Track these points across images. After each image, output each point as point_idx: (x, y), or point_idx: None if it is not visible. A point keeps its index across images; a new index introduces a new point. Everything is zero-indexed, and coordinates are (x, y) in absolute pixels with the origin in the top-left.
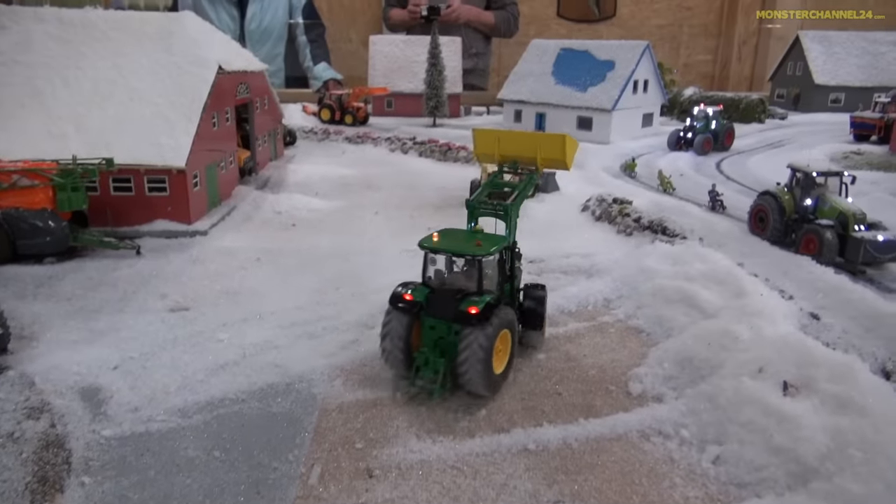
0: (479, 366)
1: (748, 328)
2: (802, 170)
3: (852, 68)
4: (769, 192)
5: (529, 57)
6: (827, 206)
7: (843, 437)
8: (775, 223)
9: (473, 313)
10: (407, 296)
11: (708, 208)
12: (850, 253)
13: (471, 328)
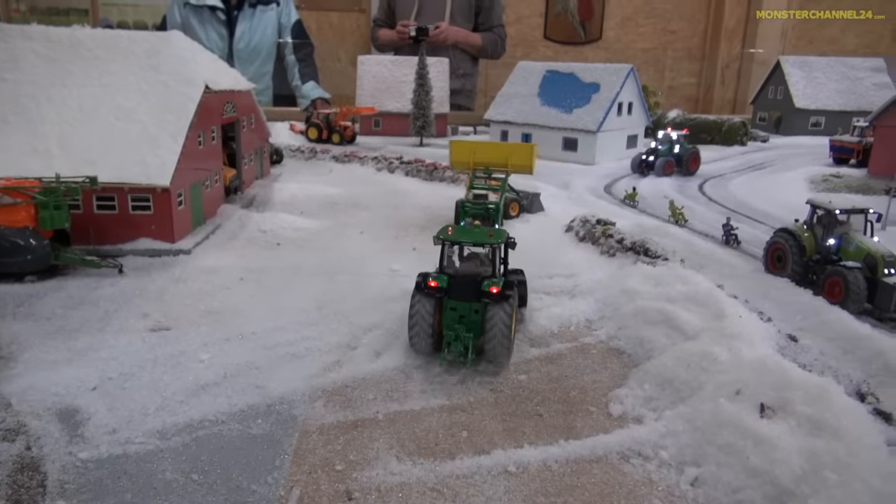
0: (503, 338)
1: (727, 350)
2: (824, 207)
3: (832, 93)
4: (787, 230)
5: (516, 78)
6: (852, 247)
7: (817, 460)
8: (794, 264)
9: (495, 293)
10: (432, 283)
11: (722, 242)
12: (881, 300)
13: (494, 305)
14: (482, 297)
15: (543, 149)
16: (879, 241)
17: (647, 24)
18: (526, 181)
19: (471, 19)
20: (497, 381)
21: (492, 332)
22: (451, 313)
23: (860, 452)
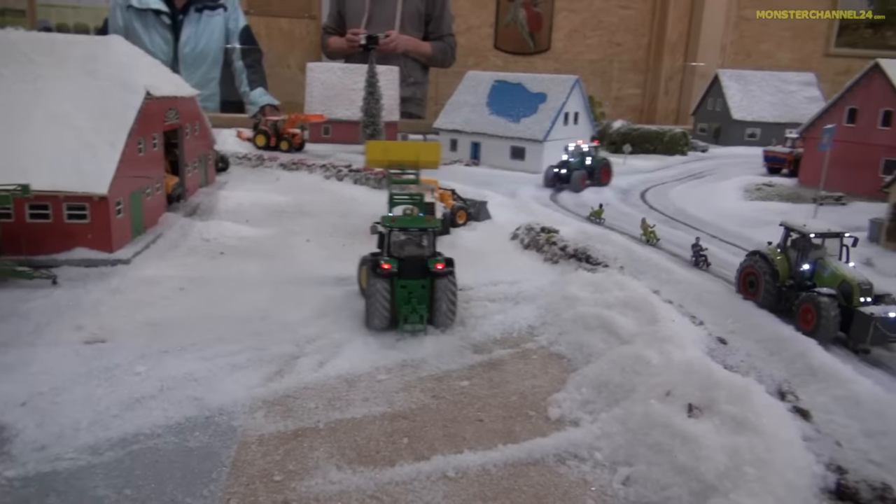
0: (451, 305)
1: (659, 353)
2: (798, 230)
3: (766, 105)
4: (759, 253)
5: (464, 88)
6: (827, 273)
7: (739, 456)
8: (767, 289)
9: (441, 268)
10: (385, 265)
11: (691, 264)
12: (857, 330)
13: (442, 279)
14: (428, 274)
15: (492, 158)
16: (855, 267)
17: (593, 37)
18: (473, 189)
19: (421, 28)
20: (440, 388)
21: (440, 301)
22: (401, 291)
23: (777, 448)
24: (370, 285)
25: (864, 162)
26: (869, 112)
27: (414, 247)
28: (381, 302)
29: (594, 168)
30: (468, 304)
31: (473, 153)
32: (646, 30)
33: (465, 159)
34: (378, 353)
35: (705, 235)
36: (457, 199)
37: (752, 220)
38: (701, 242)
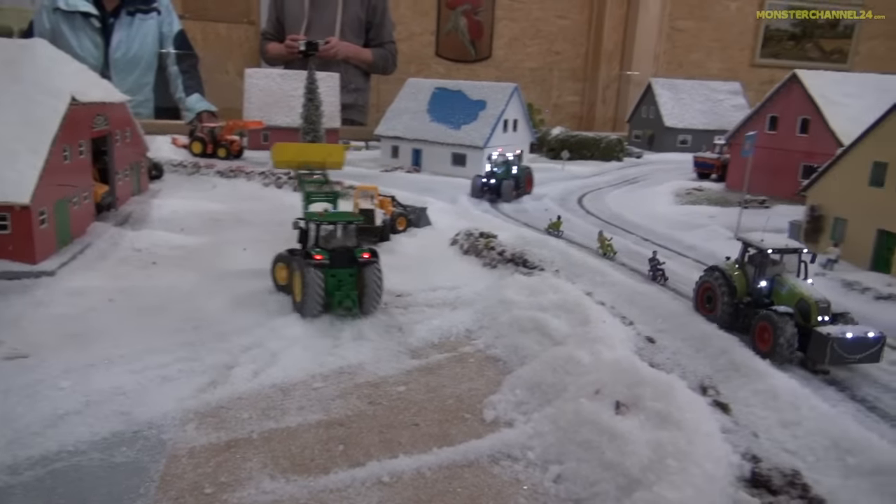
0: (378, 289)
1: (589, 353)
2: (755, 245)
3: (696, 113)
4: (717, 269)
5: (405, 95)
6: (785, 290)
7: (662, 450)
8: (724, 305)
9: (368, 257)
10: (317, 256)
11: (648, 278)
12: (814, 351)
13: (369, 267)
14: (355, 263)
15: (433, 164)
16: (813, 284)
17: (533, 45)
18: (414, 196)
19: (361, 35)
20: (376, 394)
21: (369, 287)
22: (332, 280)
23: (697, 440)
24: (306, 276)
25: (785, 167)
26: (788, 120)
27: (341, 239)
28: (317, 290)
29: (519, 177)
30: (407, 309)
31: (415, 160)
32: (583, 39)
33: (406, 166)
34: (314, 361)
35: (638, 238)
36: (397, 205)
37: (682, 223)
38: (658, 256)
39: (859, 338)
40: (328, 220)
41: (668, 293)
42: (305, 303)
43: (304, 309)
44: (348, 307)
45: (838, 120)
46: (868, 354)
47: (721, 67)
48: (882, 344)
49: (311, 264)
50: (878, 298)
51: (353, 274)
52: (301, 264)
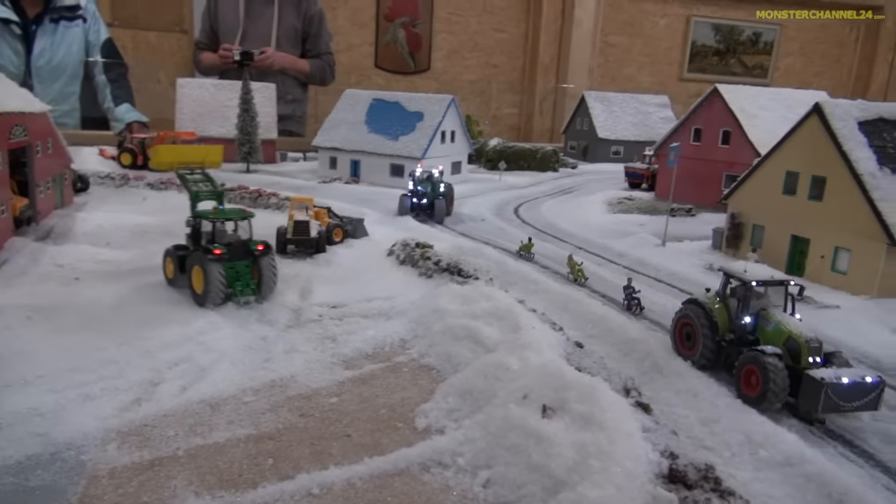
0: (274, 277)
1: (518, 359)
2: (738, 277)
3: (628, 125)
4: (696, 302)
5: (343, 106)
6: (771, 327)
7: (585, 450)
8: (706, 344)
9: (262, 249)
10: (217, 251)
11: (623, 308)
12: (807, 398)
13: (265, 257)
14: (251, 255)
15: (372, 175)
16: (801, 320)
17: (471, 58)
18: (352, 207)
19: (298, 46)
20: (308, 406)
21: (265, 275)
22: (230, 271)
23: (618, 440)
24: (207, 270)
25: (709, 176)
26: (711, 131)
27: (235, 234)
28: (219, 282)
29: (445, 195)
30: (341, 320)
31: (353, 171)
32: (520, 52)
33: (344, 177)
34: (245, 375)
35: (571, 247)
36: (333, 216)
37: (614, 231)
38: (633, 284)
39: (856, 383)
40: (225, 218)
41: (598, 299)
42: (208, 294)
43: (207, 300)
44: (248, 295)
45: (756, 131)
46: (866, 402)
47: (652, 81)
48: (881, 390)
49: (211, 259)
50: None
51: (249, 265)
52: (201, 259)
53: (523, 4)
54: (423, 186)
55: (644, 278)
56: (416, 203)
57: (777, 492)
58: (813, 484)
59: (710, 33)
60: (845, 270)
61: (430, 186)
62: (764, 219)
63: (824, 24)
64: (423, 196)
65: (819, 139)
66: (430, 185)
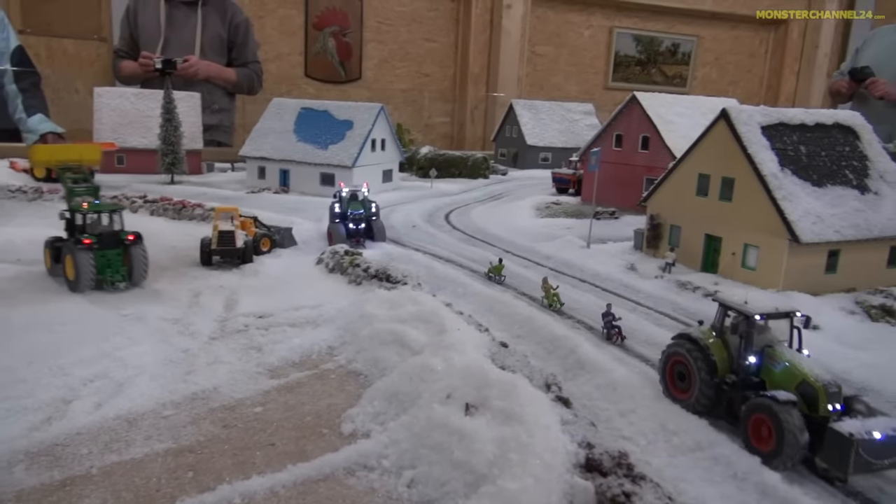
0: (144, 264)
1: (443, 360)
2: (738, 310)
3: (555, 132)
4: (688, 337)
5: (270, 115)
6: (779, 368)
7: (505, 445)
8: (703, 387)
9: (133, 239)
10: (86, 241)
11: (602, 337)
12: (832, 457)
13: (135, 247)
14: (121, 244)
15: (301, 184)
16: (811, 357)
17: (402, 67)
18: (281, 217)
19: (224, 54)
20: (231, 417)
21: (136, 263)
22: (102, 259)
23: (537, 433)
24: (77, 258)
25: (631, 180)
26: (631, 137)
27: (107, 225)
28: (89, 269)
29: (377, 213)
30: (268, 330)
31: (282, 180)
32: (450, 62)
33: (274, 187)
34: (165, 389)
35: (499, 251)
36: (260, 226)
37: (541, 235)
38: (613, 311)
39: (890, 437)
40: (94, 210)
41: (524, 299)
42: (79, 281)
43: (78, 286)
44: (118, 281)
45: (672, 137)
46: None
47: (578, 90)
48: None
49: (80, 248)
50: (707, 296)
51: (119, 253)
52: (72, 248)
53: (452, 14)
54: (354, 209)
55: (569, 279)
56: (355, 229)
57: (688, 475)
58: (720, 465)
59: (632, 44)
60: (754, 266)
61: (361, 207)
62: (680, 219)
63: (737, 36)
64: (359, 220)
65: (727, 143)
66: (361, 206)
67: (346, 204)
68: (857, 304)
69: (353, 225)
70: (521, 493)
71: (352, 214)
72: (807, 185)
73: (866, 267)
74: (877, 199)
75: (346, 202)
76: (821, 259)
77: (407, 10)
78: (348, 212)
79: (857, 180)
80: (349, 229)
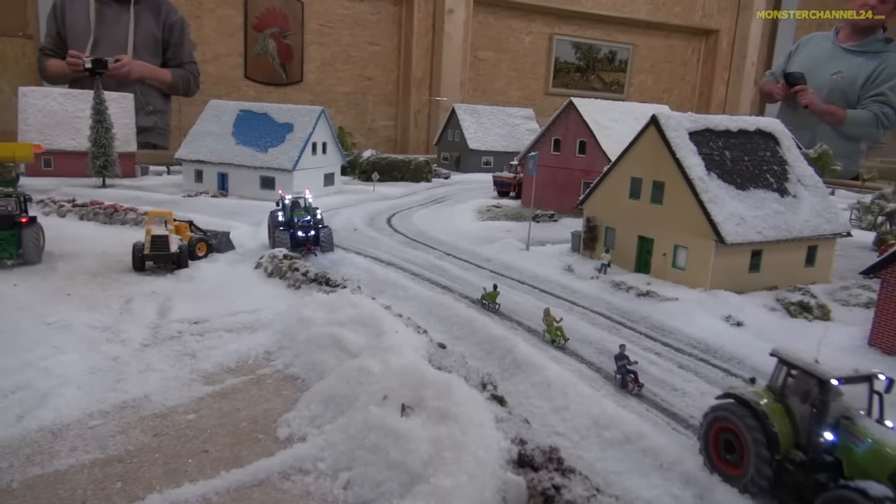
0: (36, 247)
1: (380, 362)
2: (808, 370)
3: (496, 136)
4: (739, 398)
5: (207, 117)
6: (863, 448)
7: (440, 443)
8: (760, 464)
9: (26, 221)
10: None
11: (616, 384)
12: None
13: (28, 229)
14: (16, 226)
15: (241, 188)
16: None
17: (345, 70)
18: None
19: (158, 54)
20: (163, 425)
21: (27, 242)
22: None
23: (471, 431)
24: None
25: (569, 184)
26: (569, 142)
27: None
28: None
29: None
30: (203, 336)
31: (221, 184)
32: (393, 65)
33: (211, 190)
34: (93, 398)
35: (440, 254)
36: (196, 230)
37: (482, 237)
38: (628, 353)
39: None
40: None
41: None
42: None
43: None
44: (6, 258)
45: (608, 142)
46: None
47: (520, 95)
48: None
49: None
50: (639, 295)
51: (14, 234)
52: None
53: (394, 18)
54: (300, 216)
55: (509, 280)
56: (303, 237)
57: (618, 467)
58: (648, 457)
59: (572, 51)
60: (684, 266)
61: (307, 213)
62: (615, 222)
63: (671, 45)
64: (308, 228)
65: (657, 148)
66: (306, 212)
67: (289, 211)
68: (778, 301)
69: (302, 233)
70: (454, 490)
71: (299, 222)
72: (731, 189)
73: (786, 266)
74: (795, 201)
75: (290, 209)
76: (745, 259)
77: (349, 13)
78: (294, 219)
79: (778, 184)
80: (297, 238)
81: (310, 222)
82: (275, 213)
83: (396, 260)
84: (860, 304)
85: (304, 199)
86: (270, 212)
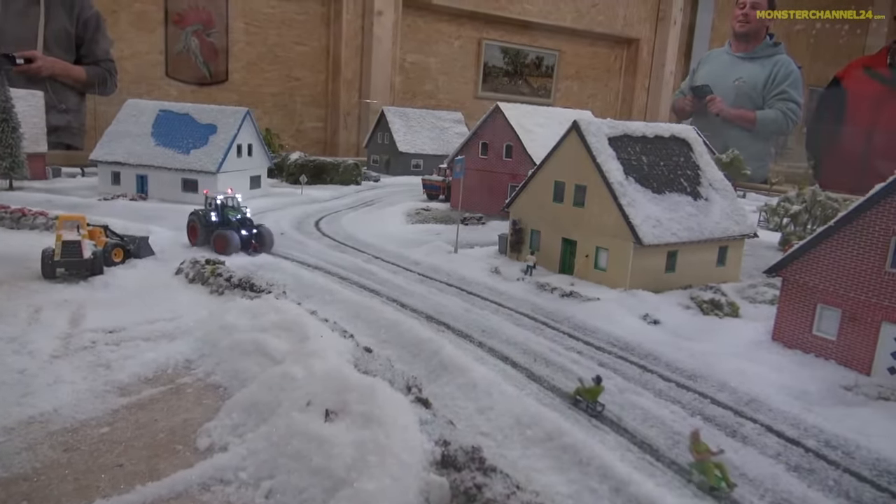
0: None
1: (304, 368)
2: None
3: (426, 139)
4: None
5: (125, 117)
6: None
7: (364, 447)
8: None
9: None
10: None
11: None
12: None
13: None
14: None
15: (161, 191)
16: None
17: (272, 70)
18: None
19: (71, 51)
20: (74, 440)
21: None
22: None
23: (395, 434)
24: None
25: (497, 187)
26: (496, 146)
27: None
28: None
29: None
30: (118, 346)
31: (140, 187)
32: (322, 66)
33: (130, 193)
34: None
35: (369, 257)
36: (111, 235)
37: (411, 240)
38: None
39: None
40: None
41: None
42: None
43: None
44: None
45: (534, 146)
46: None
47: (450, 98)
48: None
49: None
50: (563, 296)
51: None
52: None
53: (322, 18)
54: (234, 215)
55: (436, 283)
56: (248, 235)
57: (539, 464)
58: (568, 454)
59: (500, 56)
60: (605, 267)
61: (238, 213)
62: (540, 224)
63: (595, 52)
64: (249, 226)
65: (579, 153)
66: (238, 212)
67: (222, 211)
68: (692, 299)
69: (247, 231)
70: (378, 493)
71: (238, 220)
72: (648, 192)
73: (699, 266)
74: (707, 204)
75: (222, 209)
76: (661, 259)
77: (276, 12)
78: (230, 218)
79: (691, 188)
80: (243, 237)
81: (247, 221)
82: (201, 213)
83: (324, 264)
84: (766, 301)
85: (233, 198)
86: (192, 212)
